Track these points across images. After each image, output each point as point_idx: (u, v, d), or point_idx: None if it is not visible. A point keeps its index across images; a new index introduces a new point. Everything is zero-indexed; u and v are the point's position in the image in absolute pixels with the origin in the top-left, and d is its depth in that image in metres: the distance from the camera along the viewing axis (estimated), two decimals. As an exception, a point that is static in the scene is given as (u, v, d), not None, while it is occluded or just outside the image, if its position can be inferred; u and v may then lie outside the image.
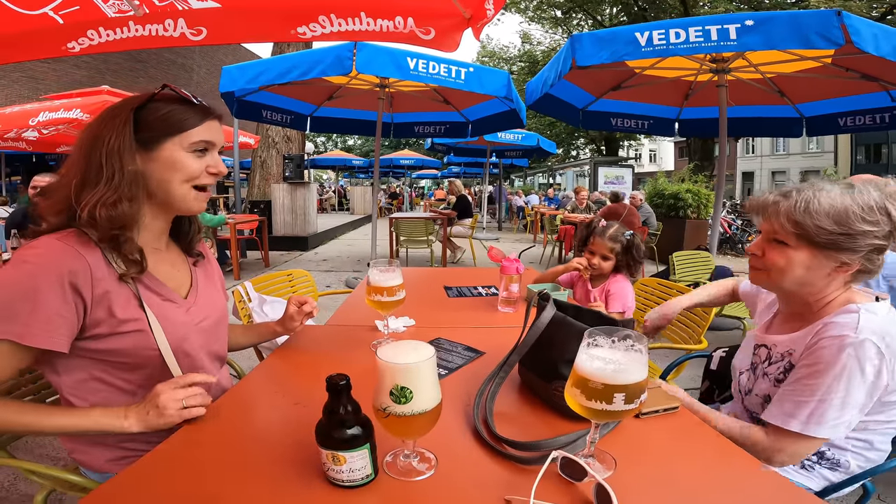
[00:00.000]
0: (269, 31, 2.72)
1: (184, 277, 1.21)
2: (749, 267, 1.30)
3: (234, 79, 4.63)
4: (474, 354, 1.39)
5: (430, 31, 2.57)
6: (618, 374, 0.77)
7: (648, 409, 1.06)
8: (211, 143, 1.09)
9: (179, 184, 1.05)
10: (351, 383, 0.82)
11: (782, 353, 1.23)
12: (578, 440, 0.91)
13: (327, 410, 0.82)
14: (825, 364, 1.07)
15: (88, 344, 1.01)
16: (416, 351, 0.83)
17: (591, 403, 0.78)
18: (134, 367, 1.07)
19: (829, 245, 1.09)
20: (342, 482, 0.82)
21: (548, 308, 1.06)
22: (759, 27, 2.83)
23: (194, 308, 1.18)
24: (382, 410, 0.81)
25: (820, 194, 1.10)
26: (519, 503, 0.76)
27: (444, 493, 0.81)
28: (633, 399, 0.78)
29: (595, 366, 0.79)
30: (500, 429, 0.97)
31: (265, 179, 10.80)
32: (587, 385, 0.79)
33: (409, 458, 0.89)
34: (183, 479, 0.84)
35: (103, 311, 1.00)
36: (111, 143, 0.99)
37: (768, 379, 1.24)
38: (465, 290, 2.16)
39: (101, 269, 0.99)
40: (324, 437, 0.82)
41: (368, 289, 1.39)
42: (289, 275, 2.44)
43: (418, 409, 0.80)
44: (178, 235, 1.25)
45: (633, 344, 0.78)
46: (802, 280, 1.16)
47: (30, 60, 2.72)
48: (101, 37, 2.50)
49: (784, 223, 1.13)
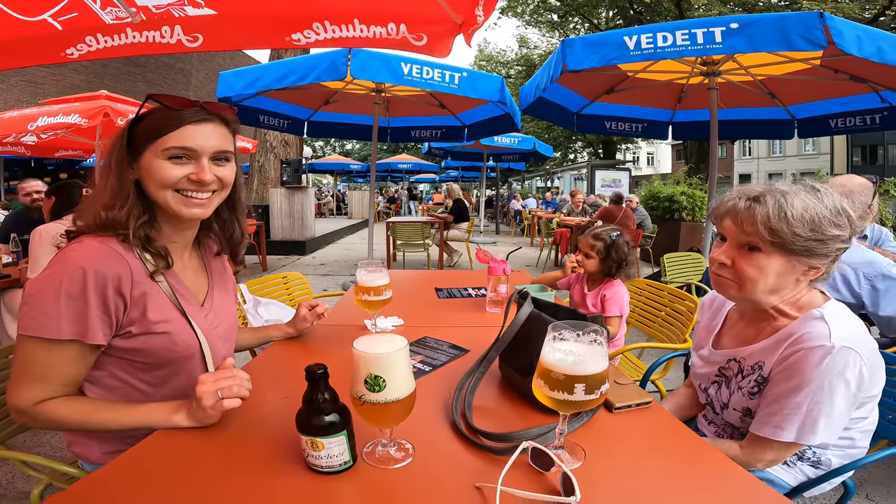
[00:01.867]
0: (264, 38, 2.77)
1: (202, 285, 1.27)
2: (713, 276, 1.24)
3: (230, 84, 4.68)
4: (459, 352, 1.42)
5: (423, 38, 2.62)
6: (577, 365, 0.81)
7: (622, 404, 1.09)
8: (190, 149, 1.05)
9: (156, 189, 1.07)
10: (328, 373, 0.86)
11: (752, 365, 1.21)
12: (549, 432, 0.94)
13: (306, 398, 0.86)
14: (804, 377, 1.06)
15: (117, 342, 1.06)
16: (390, 342, 0.86)
17: (555, 394, 0.82)
18: (154, 367, 1.12)
19: (803, 251, 1.09)
20: (321, 468, 0.85)
21: (525, 305, 1.10)
22: (744, 30, 2.88)
23: (210, 315, 1.23)
24: (358, 398, 0.84)
25: (793, 199, 1.08)
26: (488, 490, 0.80)
27: (419, 480, 0.84)
28: (593, 389, 0.81)
29: (557, 357, 0.83)
30: (478, 422, 1.01)
31: (263, 184, 10.84)
32: (550, 376, 0.83)
33: (386, 447, 0.93)
34: (171, 468, 0.87)
35: (138, 312, 1.06)
36: (112, 154, 1.08)
37: (742, 392, 1.23)
38: (455, 291, 2.20)
39: (140, 272, 1.06)
40: (303, 423, 0.85)
41: (356, 288, 1.44)
42: (284, 277, 2.48)
43: (392, 397, 0.83)
44: (230, 242, 1.31)
45: (595, 338, 0.82)
46: (773, 287, 1.15)
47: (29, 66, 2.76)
48: (100, 43, 2.55)
49: (761, 230, 1.09)
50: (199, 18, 2.51)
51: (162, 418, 1.00)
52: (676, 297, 2.45)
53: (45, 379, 1.00)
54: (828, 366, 1.04)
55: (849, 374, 1.05)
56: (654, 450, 0.97)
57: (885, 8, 14.26)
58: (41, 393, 1.01)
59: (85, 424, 1.03)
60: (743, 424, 1.25)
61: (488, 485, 0.80)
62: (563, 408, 0.84)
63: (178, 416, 1.00)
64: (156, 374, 1.13)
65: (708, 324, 1.44)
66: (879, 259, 2.00)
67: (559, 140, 26.89)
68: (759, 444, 1.15)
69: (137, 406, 1.04)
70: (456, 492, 0.81)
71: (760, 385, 1.18)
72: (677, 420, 1.08)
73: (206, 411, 0.97)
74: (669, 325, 2.39)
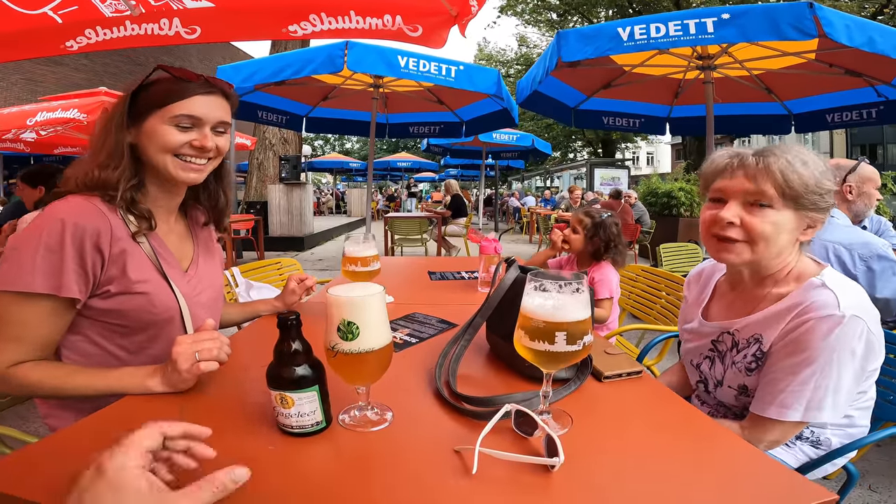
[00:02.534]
0: (262, 30, 2.79)
1: (187, 251, 1.29)
2: (718, 241, 1.14)
3: (228, 78, 4.68)
4: (447, 326, 1.43)
5: (418, 29, 2.64)
6: (558, 311, 0.78)
7: (611, 373, 1.07)
8: (196, 118, 1.12)
9: (157, 153, 1.11)
10: (301, 320, 0.83)
11: (747, 338, 1.16)
12: (534, 398, 0.92)
13: (277, 349, 0.82)
14: (812, 350, 1.01)
15: (95, 302, 1.07)
16: (366, 288, 0.84)
17: (534, 344, 0.79)
18: (132, 332, 1.13)
19: (810, 205, 1.06)
20: (292, 428, 0.81)
21: (511, 269, 1.10)
22: (735, 20, 2.91)
23: (193, 281, 1.24)
24: (331, 349, 0.81)
25: (790, 154, 1.07)
26: (467, 453, 0.77)
27: (396, 444, 0.82)
28: (575, 339, 0.78)
29: (536, 303, 0.80)
30: (462, 389, 0.99)
31: (262, 181, 10.85)
32: (530, 324, 0.80)
33: (363, 411, 0.90)
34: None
35: (117, 270, 1.07)
36: (111, 117, 1.11)
37: (737, 368, 1.17)
38: (448, 274, 2.21)
39: (120, 230, 1.08)
40: (272, 377, 0.81)
41: (343, 259, 1.44)
42: (277, 263, 2.49)
43: (366, 347, 0.80)
44: (215, 209, 1.33)
45: (577, 288, 0.79)
46: (782, 247, 1.10)
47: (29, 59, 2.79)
48: (99, 35, 2.58)
49: (780, 181, 1.04)
50: (197, 11, 2.55)
51: (136, 383, 0.99)
52: (672, 283, 2.47)
53: (19, 339, 1.00)
54: (837, 337, 0.99)
55: (856, 344, 1.01)
56: (644, 419, 0.94)
57: (883, 7, 14.27)
58: (15, 355, 1.00)
59: (59, 390, 1.01)
60: (737, 403, 1.21)
61: (467, 447, 0.76)
62: (544, 361, 0.81)
63: (153, 381, 0.98)
64: (133, 340, 1.13)
65: (696, 298, 1.40)
66: (874, 240, 1.97)
67: (558, 139, 26.88)
68: (762, 424, 1.09)
69: (111, 371, 1.02)
70: (434, 456, 0.78)
71: (759, 360, 1.12)
72: (670, 390, 1.04)
73: (181, 374, 0.95)
74: (667, 312, 2.40)
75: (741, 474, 0.74)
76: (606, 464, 0.77)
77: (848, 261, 1.95)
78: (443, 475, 0.72)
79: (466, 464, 0.74)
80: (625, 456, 0.79)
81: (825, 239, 1.96)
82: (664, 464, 0.77)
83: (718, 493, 0.69)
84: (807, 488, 0.69)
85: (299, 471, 0.74)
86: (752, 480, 0.72)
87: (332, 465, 0.77)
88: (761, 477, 0.73)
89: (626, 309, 2.83)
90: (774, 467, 0.76)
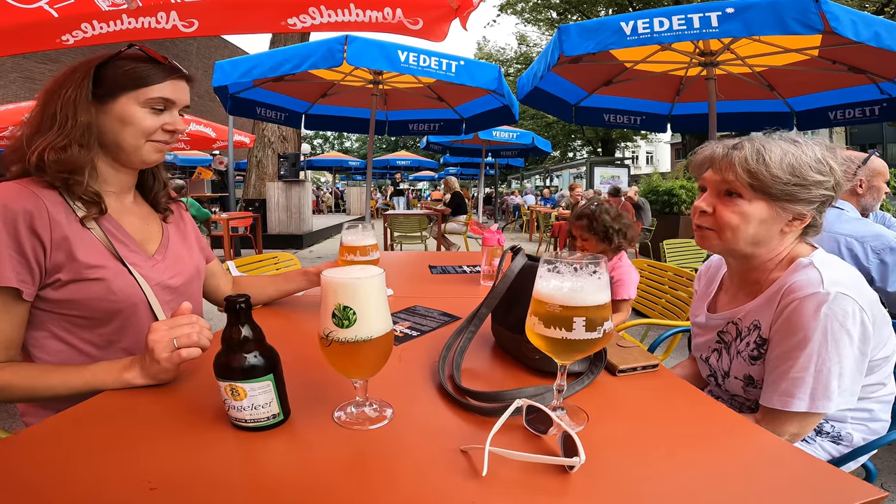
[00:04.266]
0: (260, 23, 2.76)
1: (153, 233, 1.23)
2: (696, 229, 1.19)
3: (226, 73, 4.65)
4: (449, 319, 1.39)
5: (419, 22, 2.61)
6: (575, 293, 0.72)
7: (626, 367, 1.02)
8: (171, 101, 1.11)
9: (133, 138, 1.08)
10: (251, 303, 0.77)
11: (748, 325, 1.15)
12: (547, 393, 0.87)
13: (225, 336, 0.75)
14: (804, 330, 0.99)
15: (49, 293, 1.01)
16: (364, 270, 0.77)
17: (550, 331, 0.74)
18: (96, 323, 1.07)
19: (784, 196, 1.05)
20: (245, 421, 0.75)
21: (518, 257, 1.05)
22: (740, 14, 2.86)
23: (161, 265, 1.18)
24: (325, 337, 0.74)
25: (771, 146, 1.06)
26: (476, 452, 0.71)
27: (397, 444, 0.75)
28: (594, 326, 0.73)
29: (552, 285, 0.74)
30: (467, 383, 0.94)
31: (261, 179, 10.81)
32: (544, 309, 0.74)
33: (361, 407, 0.83)
34: (104, 431, 0.79)
35: (63, 255, 1.00)
36: (67, 94, 1.03)
37: (742, 358, 1.17)
38: (449, 268, 2.17)
39: (60, 213, 1.01)
40: (220, 366, 0.74)
41: (341, 249, 1.39)
42: (274, 258, 2.45)
43: (363, 335, 0.73)
44: (143, 191, 1.27)
45: (595, 270, 0.73)
46: (757, 237, 1.10)
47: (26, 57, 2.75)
48: (95, 29, 2.54)
49: (740, 173, 1.06)
50: (195, 4, 2.51)
51: (112, 377, 0.92)
52: (678, 278, 2.44)
53: None
54: (826, 315, 0.97)
55: (850, 324, 0.98)
56: (665, 414, 0.88)
57: (884, 6, 14.25)
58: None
59: (32, 391, 0.96)
60: (746, 395, 1.19)
61: (476, 446, 0.71)
62: (560, 350, 0.76)
63: (131, 374, 0.92)
64: (99, 333, 1.08)
65: (704, 291, 1.40)
66: (887, 232, 1.93)
67: (558, 138, 26.85)
68: (774, 417, 1.05)
69: (86, 366, 0.96)
70: (439, 456, 0.72)
71: (760, 347, 1.11)
72: (688, 384, 1.00)
73: (160, 364, 0.88)
74: (672, 307, 2.37)
75: (774, 469, 0.69)
76: (629, 463, 0.71)
77: (860, 253, 1.92)
78: (450, 477, 0.67)
79: (475, 465, 0.69)
80: (648, 453, 0.74)
81: (837, 231, 1.94)
82: (691, 460, 0.72)
83: (753, 489, 0.65)
84: (852, 484, 0.65)
85: (290, 473, 0.68)
86: (787, 475, 0.68)
87: (326, 467, 0.70)
88: (798, 471, 0.69)
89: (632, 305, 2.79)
90: (810, 461, 0.71)
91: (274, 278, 1.53)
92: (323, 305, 0.74)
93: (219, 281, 1.49)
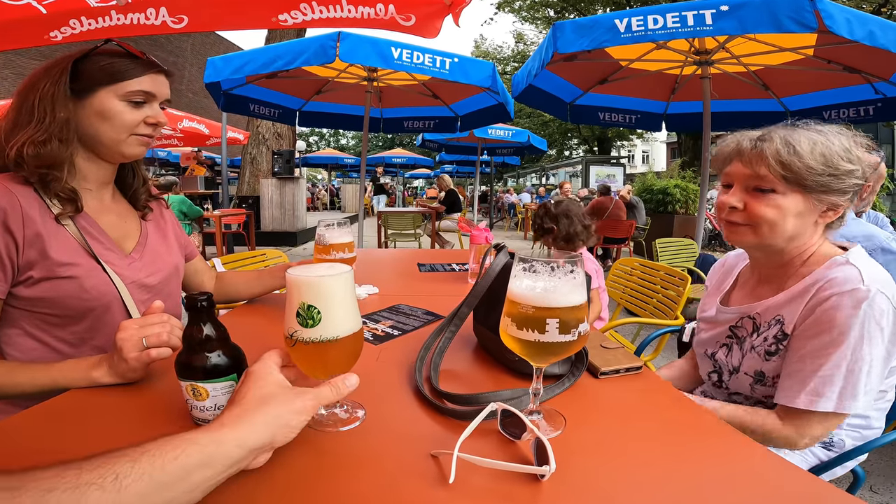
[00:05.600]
0: (251, 19, 2.72)
1: (131, 231, 1.20)
2: (726, 224, 1.14)
3: (218, 70, 4.63)
4: (433, 318, 1.36)
5: (411, 18, 2.58)
6: (548, 294, 0.70)
7: (609, 369, 0.99)
8: (151, 94, 1.11)
9: (114, 132, 1.07)
10: (214, 301, 0.75)
11: (769, 320, 1.12)
12: (524, 396, 0.84)
13: (186, 335, 0.74)
14: (840, 327, 0.96)
15: (21, 290, 0.99)
16: (331, 268, 0.74)
17: (523, 333, 0.71)
18: (69, 321, 1.05)
19: (819, 188, 1.02)
20: (209, 422, 0.71)
21: (500, 255, 1.02)
22: (734, 12, 2.85)
23: (138, 263, 1.16)
24: (290, 337, 0.71)
25: (799, 136, 1.02)
26: (445, 458, 0.69)
27: (368, 447, 0.73)
28: (568, 328, 0.70)
29: (525, 285, 0.71)
30: (445, 385, 0.91)
31: (255, 176, 10.77)
32: (517, 309, 0.72)
33: (331, 408, 0.80)
34: (69, 430, 0.77)
35: (36, 253, 0.98)
36: (45, 89, 1.03)
37: (756, 353, 1.13)
38: (437, 266, 2.15)
39: (33, 209, 0.99)
40: (181, 366, 0.72)
41: (315, 249, 1.37)
42: (263, 255, 2.42)
43: (328, 335, 0.70)
44: (122, 187, 1.25)
45: (571, 270, 0.71)
46: (794, 231, 1.06)
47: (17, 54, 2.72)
48: (84, 25, 2.50)
49: (773, 165, 1.02)
50: (184, 0, 2.48)
51: (80, 375, 0.91)
52: (670, 277, 2.42)
53: None
54: (865, 312, 0.94)
55: (884, 322, 0.96)
56: (646, 418, 0.85)
57: (881, 6, 14.28)
58: None
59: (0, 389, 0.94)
60: (753, 393, 1.15)
61: (445, 451, 0.68)
62: (533, 353, 0.73)
63: (98, 372, 0.90)
64: (72, 331, 1.06)
65: (717, 286, 1.36)
66: (878, 232, 1.93)
67: (554, 137, 26.85)
68: (796, 417, 1.02)
69: (54, 364, 0.94)
70: (409, 461, 0.69)
71: (779, 342, 1.07)
72: (672, 387, 0.97)
73: (128, 363, 0.86)
74: (663, 307, 2.36)
75: (754, 478, 0.67)
76: (604, 471, 0.69)
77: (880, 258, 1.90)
78: (417, 482, 0.65)
79: (444, 470, 0.66)
80: (626, 460, 0.71)
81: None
82: (670, 469, 0.69)
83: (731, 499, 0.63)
84: (833, 495, 0.63)
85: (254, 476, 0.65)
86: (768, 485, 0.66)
87: (292, 470, 0.68)
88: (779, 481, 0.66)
89: (621, 304, 2.77)
90: (793, 471, 0.69)
91: (259, 274, 1.51)
92: (288, 304, 0.72)
93: (202, 278, 1.47)
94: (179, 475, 0.53)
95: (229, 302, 1.54)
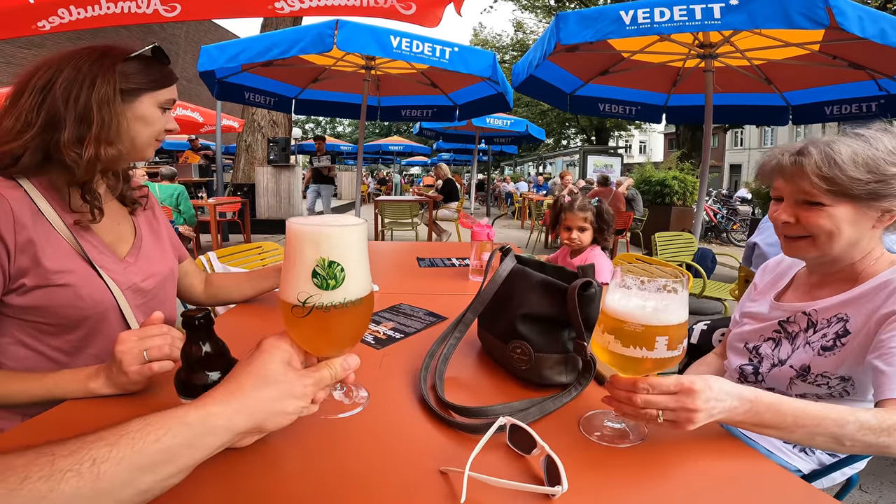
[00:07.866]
0: (246, 7, 2.66)
1: (125, 233, 1.16)
2: (784, 239, 1.15)
3: (213, 58, 4.54)
4: (435, 319, 1.34)
5: (412, 6, 2.53)
6: (658, 313, 0.71)
7: None
8: (174, 101, 1.13)
9: (149, 137, 1.08)
10: (212, 318, 0.72)
11: (829, 318, 1.11)
12: (533, 408, 0.83)
13: (184, 353, 0.72)
14: None
15: (13, 299, 0.95)
16: (342, 219, 0.63)
17: (630, 351, 0.72)
18: (63, 330, 1.01)
19: (868, 195, 1.01)
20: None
21: (507, 259, 1.00)
22: (744, 6, 2.80)
23: (133, 267, 1.12)
24: (301, 305, 0.60)
25: (839, 146, 1.01)
26: (455, 475, 0.68)
27: (374, 463, 0.71)
28: (676, 344, 0.72)
29: (633, 304, 0.72)
30: (450, 395, 0.89)
31: (250, 164, 10.66)
32: (623, 329, 0.72)
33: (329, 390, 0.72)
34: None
35: (28, 260, 0.94)
36: (100, 87, 0.98)
37: (810, 348, 1.12)
38: (437, 261, 2.12)
39: (25, 214, 0.94)
40: (181, 384, 0.71)
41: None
42: (259, 247, 2.37)
43: (352, 296, 0.61)
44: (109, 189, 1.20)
45: (666, 283, 0.72)
46: (853, 239, 1.06)
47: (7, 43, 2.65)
48: (72, 14, 2.44)
49: (815, 181, 1.02)
50: (177, -13, 2.41)
51: (76, 386, 0.88)
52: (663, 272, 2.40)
53: None
54: None
55: None
56: (660, 429, 0.82)
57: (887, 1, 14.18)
58: None
59: None
60: (789, 389, 1.14)
61: (455, 469, 0.67)
62: (636, 368, 0.74)
63: (96, 383, 0.87)
64: (67, 340, 1.02)
65: (770, 285, 1.35)
66: None
67: (552, 126, 26.72)
68: None
69: (48, 374, 0.90)
70: (417, 476, 0.68)
71: (840, 338, 1.07)
72: None
73: (129, 376, 0.83)
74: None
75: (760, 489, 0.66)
76: (620, 488, 0.68)
77: None
78: (427, 500, 0.63)
79: (454, 488, 0.65)
80: (641, 478, 0.70)
81: None
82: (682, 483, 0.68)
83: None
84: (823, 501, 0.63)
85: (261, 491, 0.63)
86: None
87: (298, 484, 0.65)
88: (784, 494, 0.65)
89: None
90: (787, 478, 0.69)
91: (250, 275, 1.48)
92: (296, 266, 0.61)
93: (192, 280, 1.43)
94: (161, 458, 0.52)
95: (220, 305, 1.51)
